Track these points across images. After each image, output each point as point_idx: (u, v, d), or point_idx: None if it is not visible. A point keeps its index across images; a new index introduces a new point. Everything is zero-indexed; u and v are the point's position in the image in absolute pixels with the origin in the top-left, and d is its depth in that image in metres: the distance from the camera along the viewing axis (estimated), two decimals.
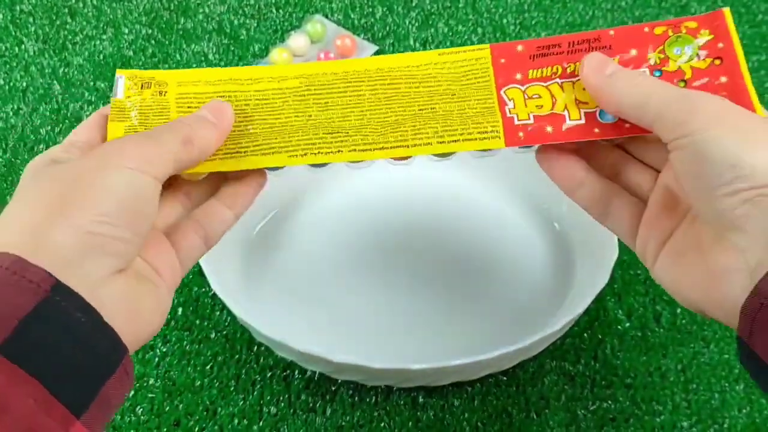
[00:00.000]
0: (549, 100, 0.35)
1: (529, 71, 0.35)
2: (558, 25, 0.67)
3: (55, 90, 0.62)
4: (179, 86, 0.37)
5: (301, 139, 0.35)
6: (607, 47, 0.35)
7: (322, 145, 0.35)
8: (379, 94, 0.36)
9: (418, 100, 0.36)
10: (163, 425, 0.44)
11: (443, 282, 0.49)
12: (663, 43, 0.35)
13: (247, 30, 0.67)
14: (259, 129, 0.36)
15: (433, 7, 0.69)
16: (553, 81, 0.35)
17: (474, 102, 0.35)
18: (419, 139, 0.35)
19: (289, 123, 0.36)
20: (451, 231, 0.51)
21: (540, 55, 0.36)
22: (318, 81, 0.36)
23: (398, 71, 0.36)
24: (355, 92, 0.36)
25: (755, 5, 0.68)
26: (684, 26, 0.35)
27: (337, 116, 0.36)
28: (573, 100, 0.35)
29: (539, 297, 0.48)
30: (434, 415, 0.45)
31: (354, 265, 0.50)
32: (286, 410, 0.45)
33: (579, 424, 0.44)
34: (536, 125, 0.34)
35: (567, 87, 0.35)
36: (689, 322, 0.48)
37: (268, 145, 0.35)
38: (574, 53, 0.35)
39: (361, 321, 0.47)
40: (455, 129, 0.35)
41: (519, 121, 0.35)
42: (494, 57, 0.36)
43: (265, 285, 0.49)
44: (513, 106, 0.35)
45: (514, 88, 0.35)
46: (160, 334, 0.48)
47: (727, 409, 0.45)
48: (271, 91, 0.36)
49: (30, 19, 0.68)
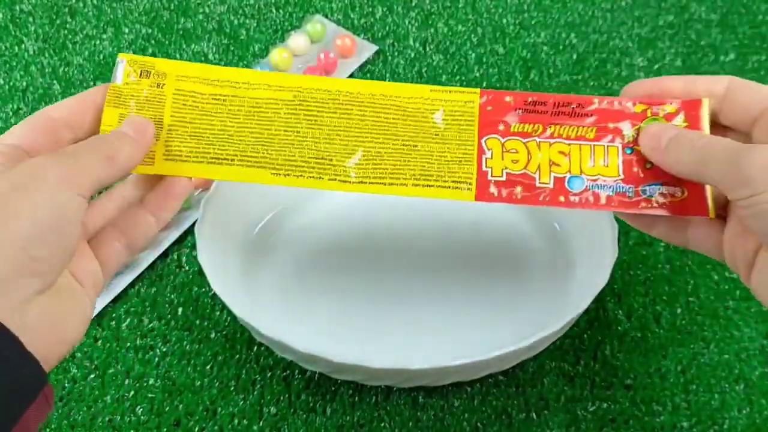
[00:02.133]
0: (525, 156, 0.37)
1: (513, 124, 0.37)
2: (558, 25, 0.67)
3: (55, 90, 0.62)
4: (178, 80, 0.37)
5: (287, 158, 0.36)
6: (588, 115, 0.37)
7: (306, 168, 0.36)
8: (367, 120, 0.37)
9: (402, 135, 0.37)
10: (163, 425, 0.44)
11: (443, 282, 0.49)
12: (640, 122, 0.37)
13: (247, 30, 0.67)
14: (247, 138, 0.37)
15: (433, 7, 0.69)
16: (532, 138, 0.37)
17: (455, 146, 0.37)
18: (396, 179, 0.36)
19: (278, 136, 0.37)
20: (451, 231, 0.51)
21: (525, 110, 0.37)
22: (311, 96, 0.37)
23: (389, 99, 0.37)
24: (345, 114, 0.37)
25: (755, 5, 0.68)
26: (662, 109, 0.36)
27: (324, 137, 0.37)
28: (547, 162, 0.36)
29: (539, 297, 0.48)
30: (434, 415, 0.45)
31: (354, 265, 0.50)
32: (286, 410, 0.45)
33: (579, 425, 0.44)
34: (508, 183, 0.36)
35: (544, 147, 0.37)
36: (689, 323, 0.48)
37: (254, 157, 0.36)
38: (558, 115, 0.37)
39: (361, 321, 0.47)
40: (431, 174, 0.36)
41: (492, 177, 0.36)
42: (482, 103, 0.37)
43: (265, 285, 0.49)
44: (491, 156, 0.37)
45: (495, 138, 0.37)
46: (160, 333, 0.48)
47: (727, 409, 0.45)
48: (265, 100, 0.37)
49: (30, 18, 0.68)
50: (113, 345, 0.48)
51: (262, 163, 0.36)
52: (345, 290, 0.49)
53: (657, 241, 0.52)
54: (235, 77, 0.37)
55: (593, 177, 0.36)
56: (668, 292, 0.50)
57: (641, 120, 0.36)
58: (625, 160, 0.36)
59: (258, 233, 0.51)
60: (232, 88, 0.37)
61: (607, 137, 0.37)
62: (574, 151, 0.36)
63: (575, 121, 0.37)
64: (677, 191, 0.35)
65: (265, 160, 0.36)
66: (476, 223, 0.52)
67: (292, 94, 0.37)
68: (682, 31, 0.66)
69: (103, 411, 0.45)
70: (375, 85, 0.38)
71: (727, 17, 0.67)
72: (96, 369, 0.47)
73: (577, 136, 0.37)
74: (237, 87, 0.37)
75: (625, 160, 0.36)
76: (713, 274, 0.50)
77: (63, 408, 0.45)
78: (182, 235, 0.53)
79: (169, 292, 0.50)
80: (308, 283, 0.49)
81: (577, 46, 0.65)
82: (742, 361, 0.47)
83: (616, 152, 0.36)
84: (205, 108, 0.37)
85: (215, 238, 0.46)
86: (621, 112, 0.37)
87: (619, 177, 0.36)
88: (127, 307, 0.50)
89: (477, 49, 0.65)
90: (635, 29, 0.66)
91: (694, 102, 0.36)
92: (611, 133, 0.37)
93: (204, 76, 0.37)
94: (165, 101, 0.37)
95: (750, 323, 0.48)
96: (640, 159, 0.36)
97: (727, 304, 0.49)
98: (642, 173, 0.36)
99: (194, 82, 0.37)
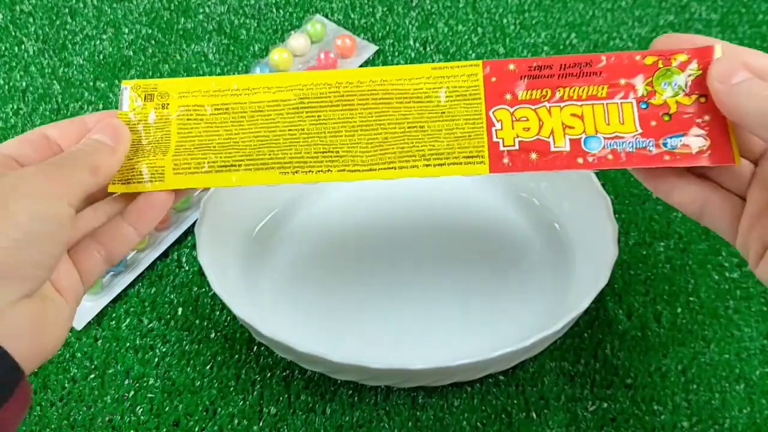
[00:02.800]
0: (536, 123, 0.36)
1: (519, 93, 0.36)
2: (558, 24, 0.67)
3: (55, 90, 0.62)
4: (181, 97, 0.38)
5: (293, 156, 0.36)
6: (597, 73, 0.36)
7: (314, 164, 0.36)
8: (370, 109, 0.37)
9: (408, 117, 0.37)
10: (162, 425, 0.44)
11: (443, 282, 0.49)
12: (652, 75, 0.35)
13: (247, 30, 0.67)
14: (253, 142, 0.37)
15: (433, 7, 0.69)
16: (541, 104, 0.36)
17: (462, 121, 0.36)
18: (406, 162, 0.36)
19: (282, 136, 0.37)
20: (451, 231, 0.51)
21: (531, 77, 0.36)
22: (312, 93, 0.37)
23: (390, 84, 0.37)
24: (347, 106, 0.37)
25: (755, 5, 0.68)
26: (674, 58, 0.35)
27: (329, 131, 0.37)
28: (560, 125, 0.35)
29: (539, 297, 0.48)
30: (434, 415, 0.45)
31: (353, 265, 0.50)
32: (286, 410, 0.45)
33: (579, 425, 0.44)
34: (521, 151, 0.35)
35: (555, 111, 0.36)
36: (689, 322, 0.48)
37: (261, 159, 0.36)
38: (565, 77, 0.36)
39: (361, 321, 0.47)
40: (441, 152, 0.36)
41: (504, 147, 0.36)
42: (486, 75, 0.37)
43: (265, 285, 0.49)
44: (500, 128, 0.36)
45: (503, 109, 0.36)
46: (160, 333, 0.48)
47: (728, 409, 0.45)
48: (267, 103, 0.37)
49: (30, 19, 0.68)
50: (113, 345, 0.48)
51: (269, 164, 0.36)
52: (345, 291, 0.49)
53: (657, 241, 0.52)
54: (235, 85, 0.38)
55: (610, 135, 0.35)
56: (668, 291, 0.50)
57: (653, 72, 0.35)
58: (642, 115, 0.35)
59: (258, 233, 0.51)
60: (234, 96, 0.38)
61: (619, 94, 0.35)
62: (587, 111, 0.35)
63: (585, 81, 0.36)
64: (700, 140, 0.34)
65: (272, 161, 0.36)
66: (476, 223, 0.52)
67: (292, 94, 0.37)
68: (683, 31, 0.66)
69: (103, 411, 0.45)
70: (375, 72, 0.37)
71: (727, 17, 0.67)
72: (96, 369, 0.47)
73: (589, 96, 0.36)
74: (238, 94, 0.38)
75: (641, 114, 0.35)
76: (713, 273, 0.50)
77: (63, 408, 0.45)
78: (182, 235, 0.53)
79: (169, 292, 0.50)
80: (308, 283, 0.49)
81: (578, 46, 0.65)
82: (743, 360, 0.47)
83: (631, 108, 0.35)
84: (209, 119, 0.37)
85: (215, 238, 0.46)
86: (631, 67, 0.35)
87: (638, 132, 0.35)
88: (127, 307, 0.49)
89: (477, 49, 0.65)
90: (635, 29, 0.66)
91: (705, 49, 0.35)
92: (624, 89, 0.35)
93: (205, 88, 0.38)
94: (171, 120, 0.37)
95: (750, 323, 0.48)
96: (656, 113, 0.35)
97: (727, 304, 0.49)
98: (661, 126, 0.35)
99: (196, 96, 0.38)
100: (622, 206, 0.54)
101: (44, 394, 0.46)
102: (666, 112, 0.35)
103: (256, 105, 0.37)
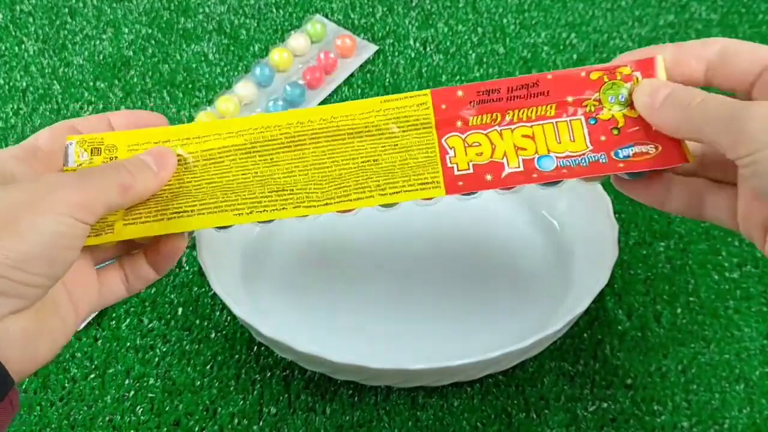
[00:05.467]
0: (489, 147, 0.36)
1: (470, 118, 0.36)
2: (558, 24, 0.67)
3: (55, 90, 0.62)
4: (129, 150, 0.37)
5: (247, 197, 0.36)
6: (544, 93, 0.36)
7: (268, 203, 0.36)
8: (323, 147, 0.37)
9: (360, 152, 0.37)
10: (162, 425, 0.44)
11: (443, 282, 0.49)
12: (599, 90, 0.36)
13: (247, 30, 0.67)
14: (205, 189, 0.36)
15: (433, 7, 0.69)
16: (492, 128, 0.36)
17: (416, 152, 0.36)
18: (361, 193, 0.36)
19: (236, 181, 0.37)
20: (450, 231, 0.51)
21: (480, 102, 0.36)
22: (262, 137, 0.37)
23: (341, 121, 0.37)
24: (299, 147, 0.37)
25: (755, 5, 0.68)
26: (618, 72, 0.36)
27: (282, 172, 0.37)
28: (512, 147, 0.36)
29: (539, 297, 0.48)
30: (434, 415, 0.45)
31: (354, 265, 0.50)
32: (286, 410, 0.45)
33: (579, 425, 0.44)
34: (476, 174, 0.36)
35: (506, 134, 0.36)
36: (689, 322, 0.48)
37: (214, 203, 0.36)
38: (513, 100, 0.36)
39: (361, 321, 0.47)
40: (396, 182, 0.36)
41: (459, 171, 0.36)
42: (435, 103, 0.37)
43: (266, 285, 0.49)
44: (454, 155, 0.36)
45: (455, 136, 0.36)
46: (160, 333, 0.48)
47: (728, 409, 0.45)
48: (218, 149, 0.37)
49: (30, 19, 0.68)
50: (113, 345, 0.48)
51: (222, 207, 0.36)
52: (345, 290, 0.49)
53: (657, 241, 0.52)
54: (185, 134, 0.37)
55: (562, 154, 0.35)
56: (668, 291, 0.50)
57: (599, 87, 0.36)
58: (591, 131, 0.36)
59: (258, 233, 0.51)
60: (184, 145, 0.37)
61: (568, 111, 0.36)
62: (538, 131, 0.36)
63: (533, 102, 0.36)
64: (650, 148, 0.35)
65: (225, 204, 0.36)
66: (476, 223, 0.52)
67: (243, 139, 0.37)
68: (683, 31, 0.66)
69: (103, 411, 0.45)
70: (324, 110, 0.37)
71: (727, 17, 0.67)
72: (96, 369, 0.47)
73: (538, 117, 0.36)
74: (188, 143, 0.37)
75: (590, 131, 0.36)
76: (713, 273, 0.50)
77: (63, 408, 0.45)
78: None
79: (169, 292, 0.50)
80: (308, 283, 0.49)
81: (578, 46, 0.65)
82: (743, 360, 0.47)
83: (580, 124, 0.36)
84: None
85: (215, 238, 0.46)
86: (578, 83, 0.36)
87: (588, 149, 0.35)
88: (127, 307, 0.50)
89: (477, 49, 0.65)
90: (635, 29, 0.66)
91: (647, 61, 0.35)
92: (571, 106, 0.36)
93: (154, 139, 0.37)
94: None
95: (750, 323, 0.48)
96: (605, 127, 0.35)
97: (727, 304, 0.49)
98: (610, 140, 0.35)
99: (145, 147, 0.37)
100: (622, 206, 0.54)
101: (44, 393, 0.46)
102: (614, 126, 0.36)
103: (207, 153, 0.37)
